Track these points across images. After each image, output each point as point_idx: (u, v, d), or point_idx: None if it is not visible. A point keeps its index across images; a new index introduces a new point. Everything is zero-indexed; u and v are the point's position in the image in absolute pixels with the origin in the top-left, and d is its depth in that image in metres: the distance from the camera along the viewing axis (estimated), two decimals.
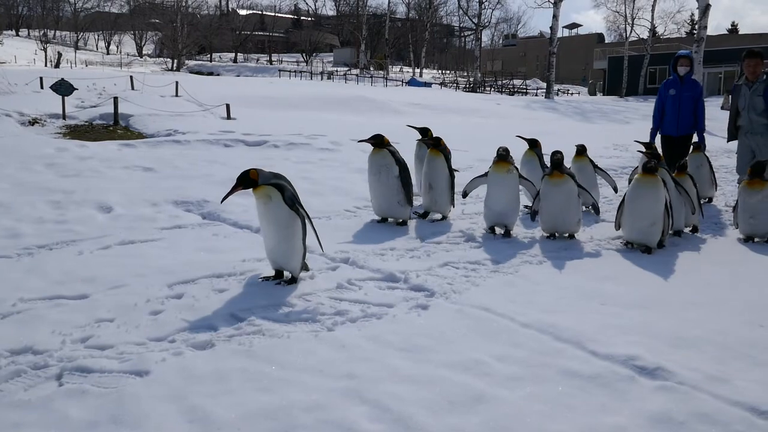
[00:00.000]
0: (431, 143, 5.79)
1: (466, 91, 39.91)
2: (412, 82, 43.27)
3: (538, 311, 3.51)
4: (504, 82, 48.36)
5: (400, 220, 5.51)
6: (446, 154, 5.80)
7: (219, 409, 2.41)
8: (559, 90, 42.62)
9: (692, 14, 51.40)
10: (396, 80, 45.42)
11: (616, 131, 7.21)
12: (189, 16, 55.47)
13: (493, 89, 44.74)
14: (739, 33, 60.68)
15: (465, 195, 5.60)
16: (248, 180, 3.73)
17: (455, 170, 8.86)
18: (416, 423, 2.35)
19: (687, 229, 5.69)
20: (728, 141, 7.06)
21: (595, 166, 6.40)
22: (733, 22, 69.67)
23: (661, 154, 7.09)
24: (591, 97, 42.72)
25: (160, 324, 3.21)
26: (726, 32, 62.80)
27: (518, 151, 6.08)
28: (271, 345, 3.00)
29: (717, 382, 2.73)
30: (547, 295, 3.87)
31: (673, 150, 7.21)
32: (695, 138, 7.28)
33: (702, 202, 6.23)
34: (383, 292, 3.82)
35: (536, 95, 39.74)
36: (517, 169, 5.23)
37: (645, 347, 3.04)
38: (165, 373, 2.67)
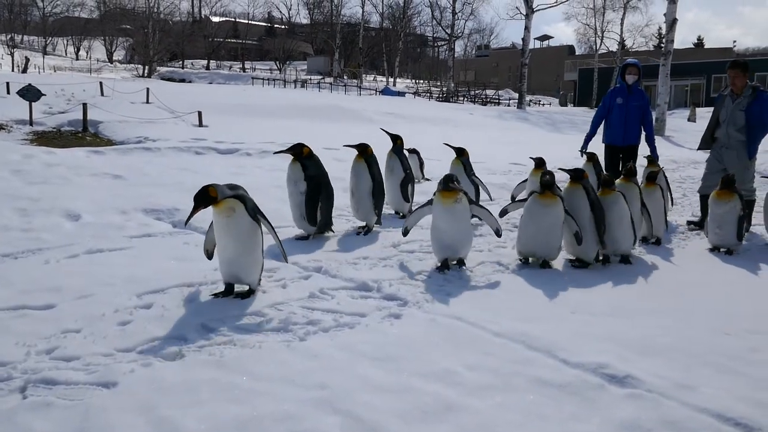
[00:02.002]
0: (358, 149, 5.64)
1: (439, 101, 40.13)
2: (386, 91, 43.41)
3: (509, 320, 3.53)
4: (477, 92, 48.77)
5: (306, 235, 5.31)
6: (404, 157, 5.72)
7: (188, 420, 2.38)
8: (530, 100, 43.11)
9: (660, 28, 52.71)
10: (370, 89, 45.52)
11: (597, 141, 7.36)
12: (161, 22, 54.93)
13: (466, 99, 45.10)
14: (705, 47, 62.16)
15: (406, 233, 4.91)
16: (208, 198, 3.60)
17: (426, 179, 8.91)
18: None
19: (651, 241, 5.74)
20: (698, 149, 6.91)
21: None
22: (699, 36, 71.41)
23: (603, 163, 7.18)
24: (562, 107, 43.30)
25: (129, 334, 3.15)
26: (692, 46, 64.29)
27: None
28: (243, 355, 2.96)
29: (685, 390, 2.77)
30: (519, 303, 3.90)
31: (618, 159, 7.16)
32: (639, 149, 7.16)
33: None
34: (356, 301, 3.81)
35: (508, 105, 40.15)
36: (466, 194, 4.54)
37: (615, 355, 3.07)
38: (133, 385, 2.63)
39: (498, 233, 4.74)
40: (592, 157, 6.89)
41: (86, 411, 2.42)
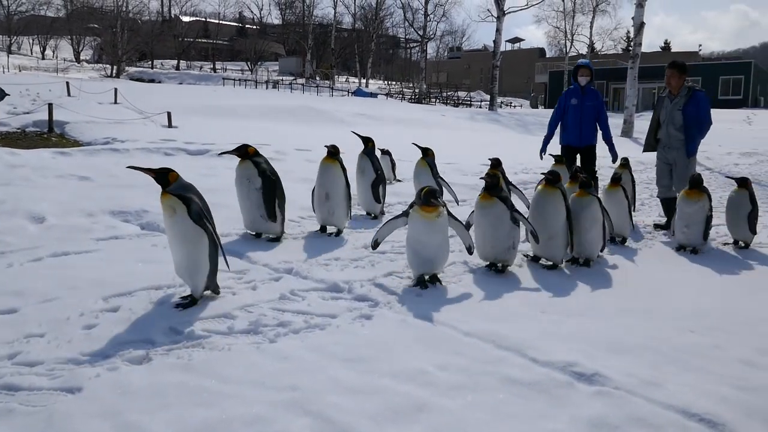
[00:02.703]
0: (330, 150, 5.54)
1: (411, 102, 40.24)
2: (358, 93, 43.38)
3: (480, 320, 3.55)
4: (449, 93, 49.04)
5: (272, 236, 5.17)
6: (375, 158, 5.69)
7: (155, 425, 2.34)
8: (502, 102, 43.47)
9: (628, 32, 53.56)
10: (342, 90, 45.47)
11: (555, 143, 7.40)
12: (129, 21, 54.04)
13: (438, 101, 45.32)
14: (672, 51, 63.34)
15: (375, 246, 4.55)
16: (164, 178, 3.56)
17: (398, 180, 8.92)
18: None
19: (618, 240, 5.80)
20: (643, 152, 7.05)
21: (508, 182, 6.08)
22: (666, 40, 72.71)
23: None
24: (533, 109, 43.75)
25: (94, 338, 3.09)
26: (659, 49, 65.45)
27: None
28: (211, 358, 2.93)
29: (651, 387, 2.81)
30: (489, 304, 3.93)
31: (575, 160, 7.18)
32: (598, 149, 7.17)
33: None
34: (327, 302, 3.79)
35: (480, 107, 40.43)
36: (446, 208, 4.24)
37: (583, 354, 3.11)
38: (98, 390, 2.58)
39: (470, 250, 4.52)
40: (561, 159, 6.93)
41: (50, 417, 2.36)
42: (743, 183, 6.01)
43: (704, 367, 3.09)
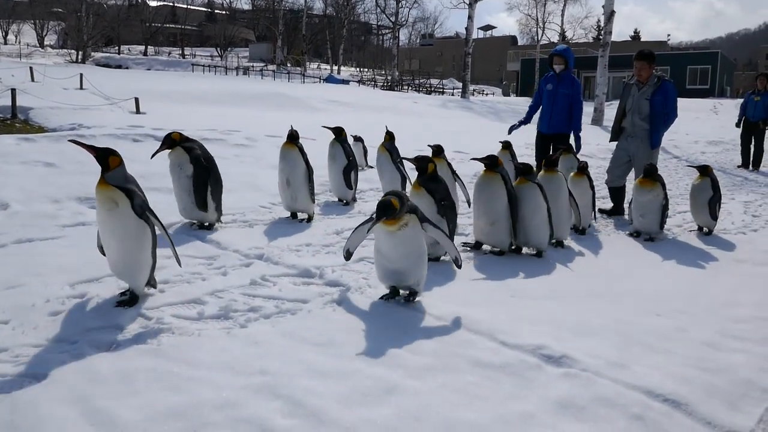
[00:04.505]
0: (289, 135, 5.44)
1: (383, 90, 40.15)
2: (330, 79, 43.14)
3: (450, 304, 3.57)
4: (421, 81, 49.03)
5: (206, 224, 5.02)
6: (347, 145, 5.51)
7: (124, 410, 2.32)
8: (474, 90, 43.61)
9: (598, 20, 54.07)
10: (314, 77, 45.13)
11: (528, 130, 7.47)
12: (95, 5, 52.74)
13: (410, 88, 45.27)
14: (641, 40, 64.16)
15: (348, 256, 3.88)
16: (104, 160, 3.33)
17: (370, 166, 8.91)
18: (329, 416, 2.34)
19: (580, 228, 5.78)
20: (611, 141, 6.90)
21: (454, 173, 5.59)
22: (636, 30, 73.53)
23: (535, 151, 7.19)
24: (505, 97, 43.98)
25: (61, 325, 3.04)
26: (629, 38, 66.24)
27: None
28: (181, 343, 2.90)
29: (617, 368, 2.87)
30: (460, 288, 3.96)
31: (548, 148, 6.98)
32: (571, 139, 6.92)
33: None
34: (298, 288, 3.79)
35: (452, 95, 40.52)
36: (417, 213, 3.51)
37: (551, 336, 3.16)
38: (65, 376, 2.54)
39: (457, 263, 3.75)
40: (507, 146, 6.80)
41: (14, 404, 2.32)
42: (704, 171, 6.14)
43: (668, 349, 3.16)
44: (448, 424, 2.34)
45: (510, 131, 7.38)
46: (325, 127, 6.60)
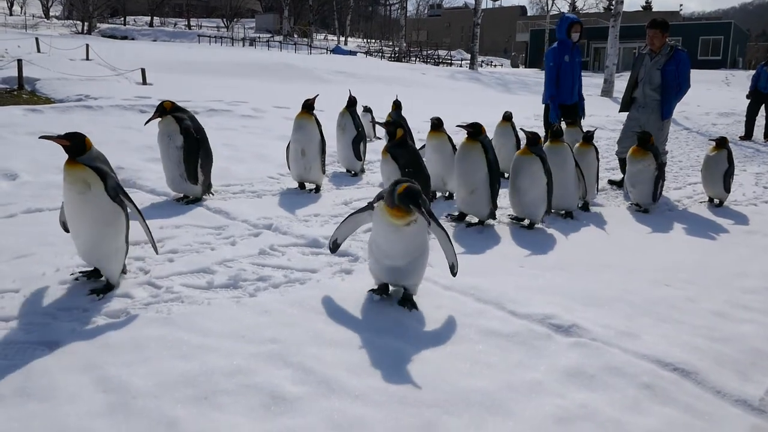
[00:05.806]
0: (306, 104, 5.38)
1: (391, 61, 39.76)
2: (337, 50, 42.70)
3: (460, 274, 3.54)
4: (429, 52, 48.48)
5: (191, 197, 4.85)
6: (356, 116, 5.59)
7: (135, 378, 2.33)
8: (482, 61, 43.13)
9: None
10: (320, 48, 44.69)
11: (537, 102, 7.40)
12: None
13: (418, 59, 44.81)
14: (653, 10, 63.13)
15: (335, 248, 3.51)
16: (79, 146, 3.07)
17: (378, 137, 8.86)
18: (339, 384, 2.35)
19: (579, 204, 5.47)
20: (620, 111, 6.80)
21: (454, 147, 5.47)
22: (647, 0, 72.16)
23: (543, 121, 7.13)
24: (513, 69, 43.50)
25: (71, 294, 3.05)
26: (641, 8, 65.18)
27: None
28: (191, 312, 2.91)
29: (626, 338, 2.87)
30: (469, 258, 3.95)
31: (567, 118, 6.94)
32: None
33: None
34: (307, 257, 3.79)
35: (461, 66, 40.09)
36: (424, 214, 2.88)
37: (561, 306, 3.15)
38: (76, 344, 2.55)
39: (453, 270, 3.26)
40: (508, 117, 6.70)
41: (27, 371, 2.34)
42: (722, 142, 6.06)
43: (678, 319, 3.15)
44: (457, 392, 2.35)
45: (558, 117, 6.95)
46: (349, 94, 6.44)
